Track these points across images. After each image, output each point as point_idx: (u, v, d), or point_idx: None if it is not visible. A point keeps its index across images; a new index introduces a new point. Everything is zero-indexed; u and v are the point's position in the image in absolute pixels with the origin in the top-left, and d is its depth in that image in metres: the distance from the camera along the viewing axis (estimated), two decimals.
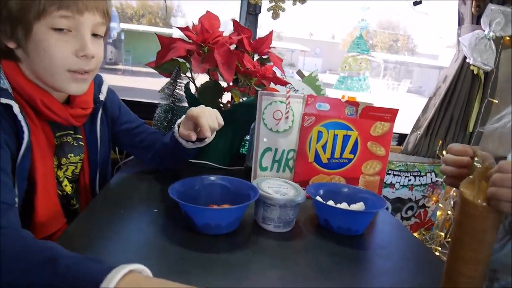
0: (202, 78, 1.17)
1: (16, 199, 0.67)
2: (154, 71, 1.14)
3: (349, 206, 0.89)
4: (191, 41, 1.09)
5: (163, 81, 1.21)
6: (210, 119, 0.90)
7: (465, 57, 1.61)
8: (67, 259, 0.49)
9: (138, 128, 1.08)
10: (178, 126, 0.97)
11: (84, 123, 0.90)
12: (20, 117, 0.70)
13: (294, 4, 1.46)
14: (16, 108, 0.70)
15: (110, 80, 1.03)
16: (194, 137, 0.92)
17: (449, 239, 1.73)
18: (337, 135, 1.03)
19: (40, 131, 0.77)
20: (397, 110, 1.03)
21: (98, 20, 0.76)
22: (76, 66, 0.75)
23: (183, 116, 0.96)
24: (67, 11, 0.70)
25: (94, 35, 0.78)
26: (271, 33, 1.16)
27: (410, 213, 1.83)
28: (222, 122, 0.93)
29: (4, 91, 0.70)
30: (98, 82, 0.95)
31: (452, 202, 1.71)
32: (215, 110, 0.94)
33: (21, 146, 0.71)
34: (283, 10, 1.47)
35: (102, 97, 0.95)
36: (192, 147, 0.98)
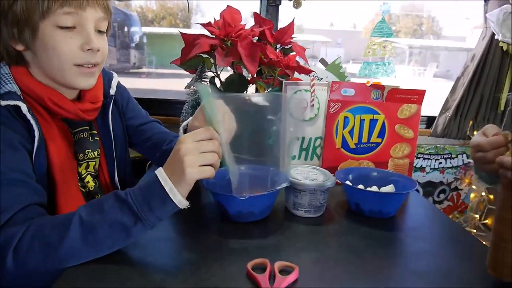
0: (226, 73, 1.19)
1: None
2: (177, 72, 1.16)
3: (379, 189, 0.90)
4: (214, 36, 1.11)
5: (186, 81, 1.23)
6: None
7: (493, 34, 1.56)
8: (117, 191, 0.65)
9: (145, 125, 1.07)
10: (184, 130, 0.89)
11: (96, 118, 0.91)
12: (28, 116, 0.73)
13: None
14: (24, 108, 0.73)
15: (134, 83, 1.03)
16: None
17: (484, 221, 1.70)
18: (363, 119, 1.03)
19: (54, 128, 0.80)
20: (424, 91, 1.02)
21: (100, 15, 0.78)
22: (83, 60, 0.77)
23: (190, 118, 0.89)
24: (69, 7, 0.73)
25: (98, 31, 0.79)
26: (292, 22, 1.16)
27: (442, 196, 1.80)
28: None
29: (13, 94, 0.73)
30: (108, 78, 0.97)
31: None
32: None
33: (34, 144, 0.74)
34: None
35: (112, 91, 0.96)
36: None
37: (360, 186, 0.89)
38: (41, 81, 0.78)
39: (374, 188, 0.89)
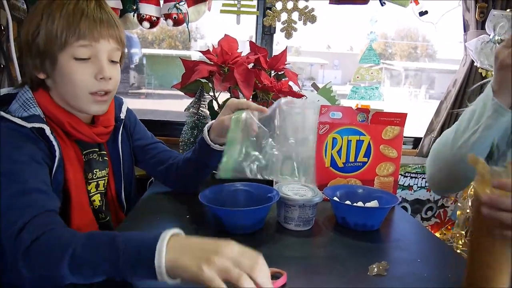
0: (223, 96, 1.28)
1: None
2: (175, 93, 1.23)
3: (364, 204, 0.97)
4: (212, 62, 1.20)
5: (185, 102, 1.32)
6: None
7: (472, 61, 1.67)
8: (122, 236, 0.61)
9: (151, 145, 1.13)
10: (208, 130, 0.98)
11: (107, 140, 0.99)
12: (51, 138, 0.82)
13: (304, 24, 1.56)
14: (48, 130, 0.81)
15: (133, 104, 1.10)
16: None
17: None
18: (350, 140, 1.11)
19: (70, 149, 0.88)
20: (406, 114, 1.10)
21: (113, 47, 0.86)
22: (96, 88, 0.85)
23: (212, 121, 0.99)
24: (84, 40, 0.81)
25: (111, 61, 0.87)
26: (285, 50, 1.26)
27: (429, 213, 1.87)
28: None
29: (37, 117, 0.82)
30: (118, 103, 1.05)
31: (470, 201, 1.75)
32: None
33: (54, 162, 0.82)
34: (295, 30, 1.57)
35: (122, 115, 1.04)
36: (219, 149, 0.97)
37: (347, 202, 0.96)
38: (60, 105, 0.87)
39: (359, 204, 0.97)
